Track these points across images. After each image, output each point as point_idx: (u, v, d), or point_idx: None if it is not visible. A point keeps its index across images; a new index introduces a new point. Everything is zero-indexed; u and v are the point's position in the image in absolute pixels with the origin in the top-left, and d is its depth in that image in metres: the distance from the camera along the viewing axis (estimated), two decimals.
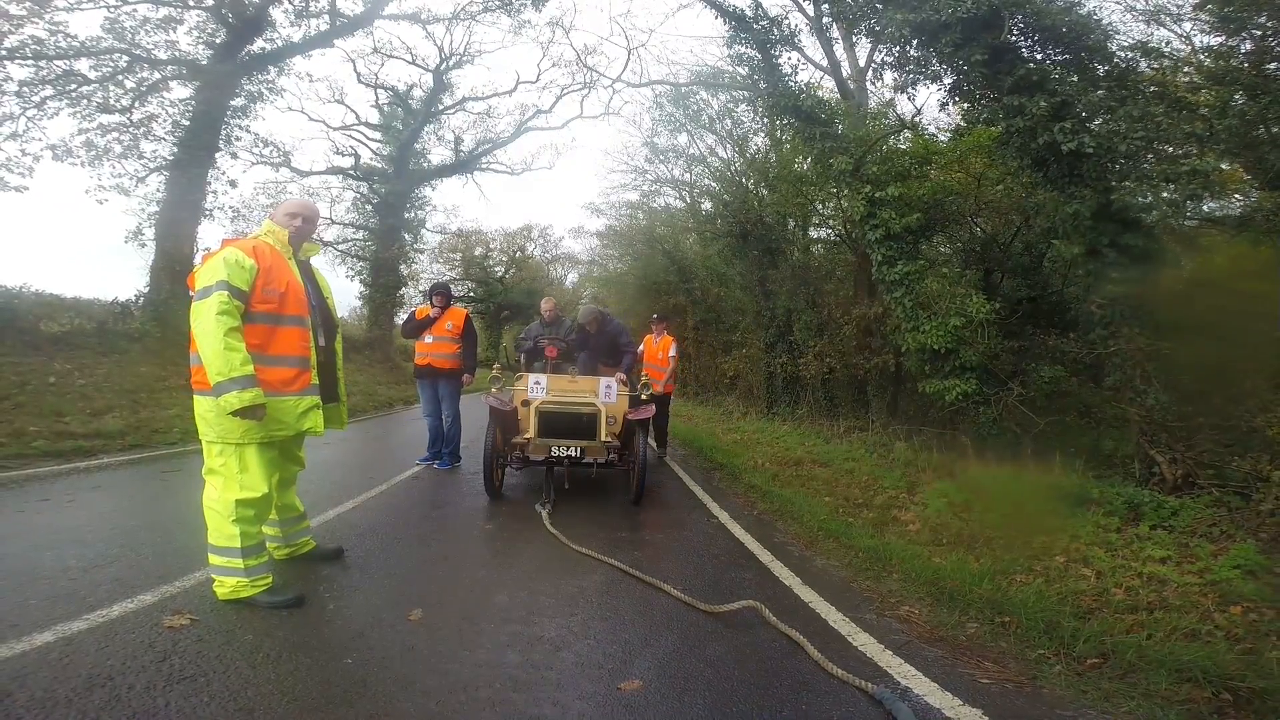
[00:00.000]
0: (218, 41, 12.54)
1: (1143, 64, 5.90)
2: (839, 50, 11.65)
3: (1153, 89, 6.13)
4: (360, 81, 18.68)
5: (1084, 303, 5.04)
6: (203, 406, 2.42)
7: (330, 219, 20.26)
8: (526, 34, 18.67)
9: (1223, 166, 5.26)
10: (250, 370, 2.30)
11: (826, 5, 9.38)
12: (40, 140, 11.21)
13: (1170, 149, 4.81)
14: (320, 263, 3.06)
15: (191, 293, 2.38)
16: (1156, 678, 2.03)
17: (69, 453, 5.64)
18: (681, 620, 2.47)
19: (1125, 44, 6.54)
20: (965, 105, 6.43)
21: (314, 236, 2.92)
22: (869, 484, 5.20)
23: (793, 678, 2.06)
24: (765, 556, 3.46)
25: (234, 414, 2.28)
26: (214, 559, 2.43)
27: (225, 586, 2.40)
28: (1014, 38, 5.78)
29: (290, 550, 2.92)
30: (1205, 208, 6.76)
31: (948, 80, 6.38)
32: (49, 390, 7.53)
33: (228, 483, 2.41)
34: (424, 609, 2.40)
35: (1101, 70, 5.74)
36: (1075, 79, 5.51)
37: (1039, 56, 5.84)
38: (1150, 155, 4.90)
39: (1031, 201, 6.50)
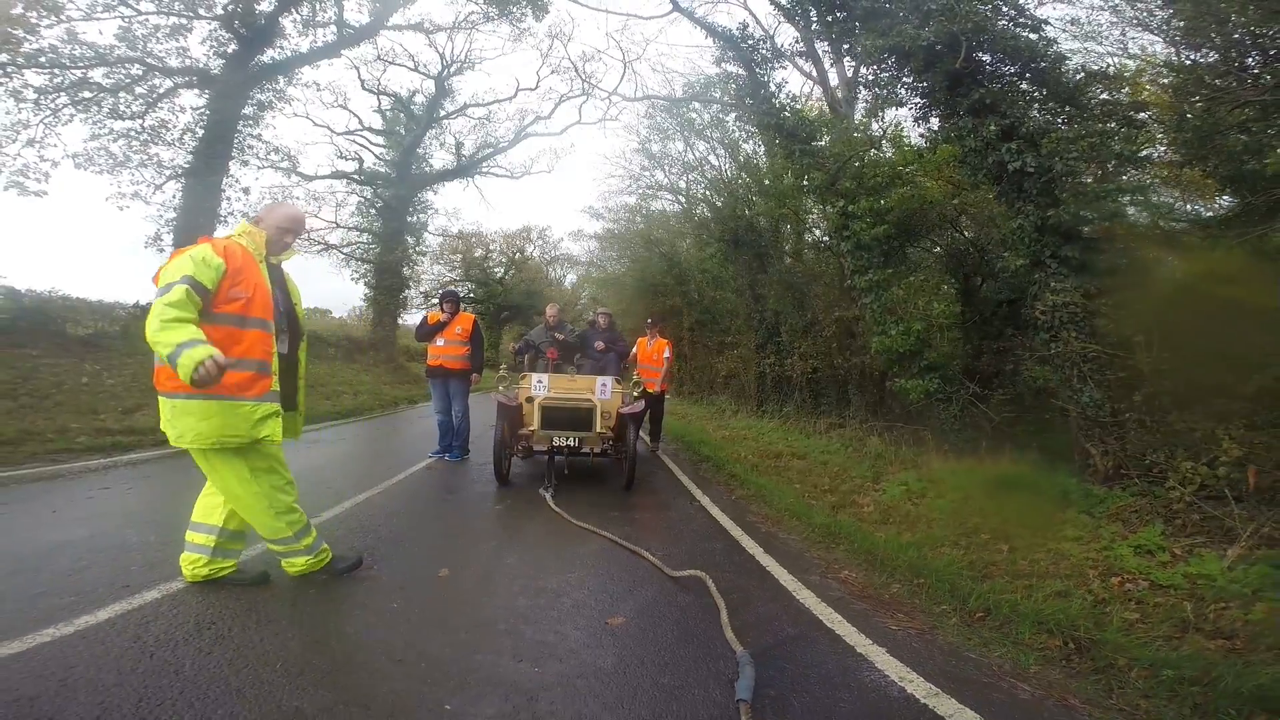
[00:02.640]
0: (229, 52, 13.04)
1: (1091, 84, 6.39)
2: (828, 62, 12.20)
3: (1104, 106, 6.65)
4: (364, 88, 19.20)
5: (1029, 309, 5.58)
6: (163, 409, 2.46)
7: (336, 223, 20.80)
8: (526, 41, 19.11)
9: (1146, 184, 5.75)
10: (200, 334, 2.20)
11: (815, 24, 9.91)
12: (57, 146, 11.78)
13: (1101, 170, 5.32)
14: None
15: (156, 289, 2.32)
16: (1023, 629, 2.56)
17: (108, 448, 6.17)
18: (659, 578, 3.03)
19: (1078, 65, 7.04)
20: (933, 123, 6.97)
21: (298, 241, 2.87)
22: (838, 474, 5.75)
23: (740, 620, 2.61)
24: (736, 532, 4.03)
25: (194, 379, 2.11)
26: (272, 548, 2.69)
27: (295, 566, 2.72)
28: (982, 56, 6.28)
29: (210, 571, 2.65)
30: (1189, 208, 7.25)
31: (916, 101, 6.93)
32: (83, 390, 8.09)
33: (236, 486, 2.53)
34: (450, 569, 2.97)
35: (1054, 88, 6.25)
36: (1025, 101, 5.99)
37: (1003, 71, 6.34)
38: (1089, 173, 5.42)
39: (996, 212, 7.03)
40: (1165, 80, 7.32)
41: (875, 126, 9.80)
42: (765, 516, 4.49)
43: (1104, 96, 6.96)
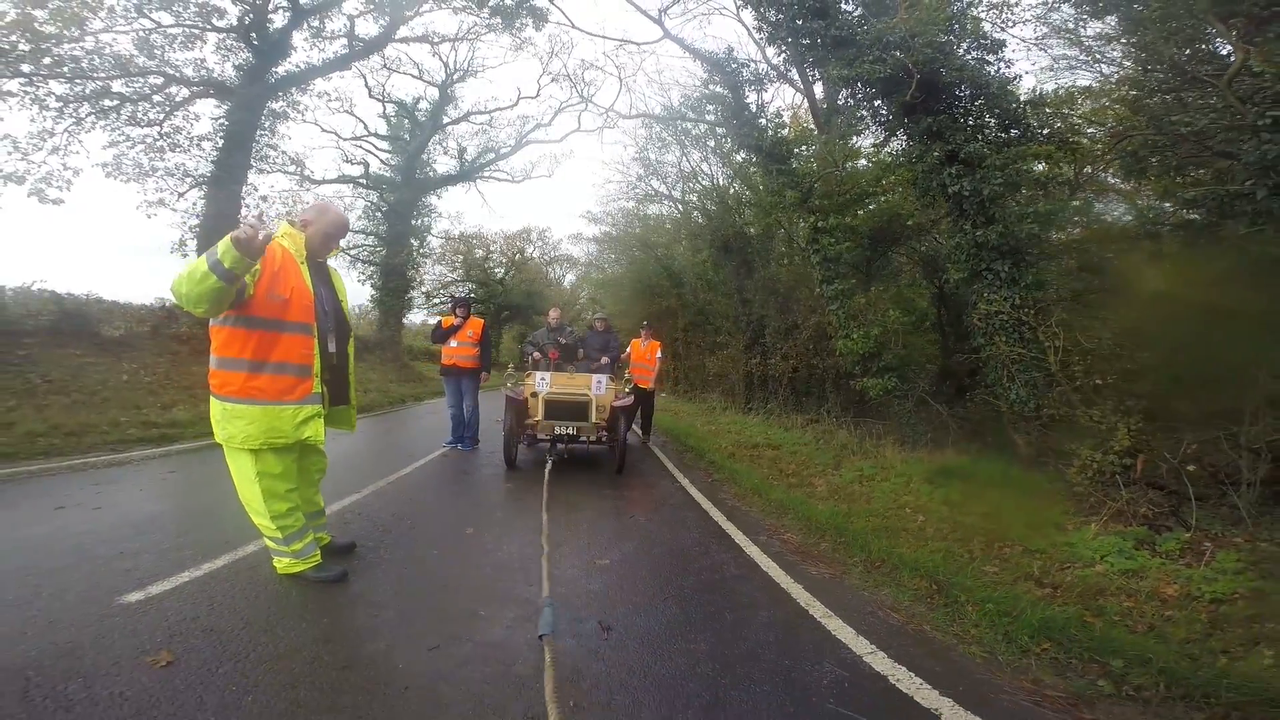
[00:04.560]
0: (244, 63, 13.74)
1: (1034, 108, 7.12)
2: (812, 77, 12.95)
3: (1045, 129, 7.42)
4: (370, 95, 19.89)
5: (969, 316, 6.37)
6: (214, 410, 2.58)
7: None
8: (527, 50, 19.89)
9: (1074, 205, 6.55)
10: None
11: (805, 46, 10.65)
12: (79, 154, 12.47)
13: (1027, 192, 6.10)
14: (334, 266, 3.06)
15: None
16: (902, 574, 3.35)
17: (156, 439, 6.92)
18: (638, 535, 3.86)
19: (1027, 88, 7.81)
20: (893, 145, 7.76)
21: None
22: (805, 462, 6.56)
23: (698, 565, 3.42)
24: (707, 505, 4.87)
25: (232, 264, 2.15)
26: (267, 543, 2.86)
27: (281, 563, 2.84)
28: (939, 82, 7.00)
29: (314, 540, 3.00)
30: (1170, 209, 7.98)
31: (877, 126, 7.71)
32: (124, 386, 8.87)
33: (241, 483, 2.71)
34: (474, 528, 3.79)
35: (1001, 113, 6.98)
36: (973, 126, 6.69)
37: (956, 97, 7.06)
38: (1019, 196, 6.18)
39: (943, 229, 7.83)
40: (1126, 94, 8.08)
41: (852, 142, 10.58)
42: (733, 494, 5.32)
43: (1049, 116, 7.70)
